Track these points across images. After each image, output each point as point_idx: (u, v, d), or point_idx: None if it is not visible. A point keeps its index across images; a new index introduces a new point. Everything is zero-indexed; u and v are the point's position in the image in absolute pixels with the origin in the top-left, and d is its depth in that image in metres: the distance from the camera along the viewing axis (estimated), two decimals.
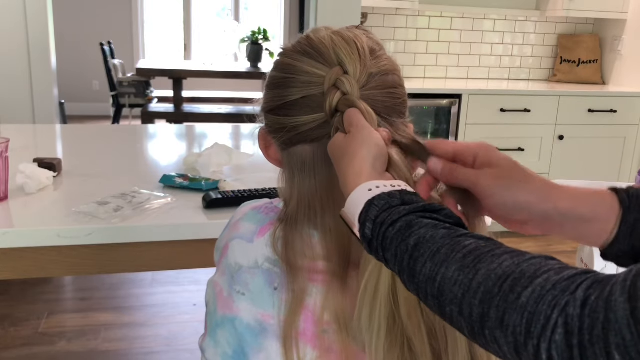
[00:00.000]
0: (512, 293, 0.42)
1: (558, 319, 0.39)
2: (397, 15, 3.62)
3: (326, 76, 0.63)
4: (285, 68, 0.66)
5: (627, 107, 3.46)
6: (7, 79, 2.81)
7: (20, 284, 2.63)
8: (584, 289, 0.39)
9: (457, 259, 0.46)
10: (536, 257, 0.44)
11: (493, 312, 0.42)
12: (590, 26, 3.96)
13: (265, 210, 0.72)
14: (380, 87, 0.64)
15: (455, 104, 3.24)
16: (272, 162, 0.72)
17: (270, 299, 0.65)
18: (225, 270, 0.70)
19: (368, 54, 0.64)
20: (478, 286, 0.43)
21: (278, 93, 0.66)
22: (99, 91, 6.71)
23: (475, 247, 0.46)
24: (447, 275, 0.45)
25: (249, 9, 7.27)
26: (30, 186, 1.23)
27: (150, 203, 1.19)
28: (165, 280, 2.77)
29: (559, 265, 0.42)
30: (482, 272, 0.44)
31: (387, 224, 0.50)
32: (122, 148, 1.80)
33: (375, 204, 0.52)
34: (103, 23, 6.70)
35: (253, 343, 0.66)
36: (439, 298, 0.46)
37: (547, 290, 0.40)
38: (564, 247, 3.35)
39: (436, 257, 0.47)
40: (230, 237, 0.71)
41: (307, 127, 0.64)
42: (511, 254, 0.45)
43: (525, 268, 0.43)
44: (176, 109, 4.43)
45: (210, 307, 0.71)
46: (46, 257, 1.11)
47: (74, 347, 2.20)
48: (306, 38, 0.67)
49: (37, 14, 2.78)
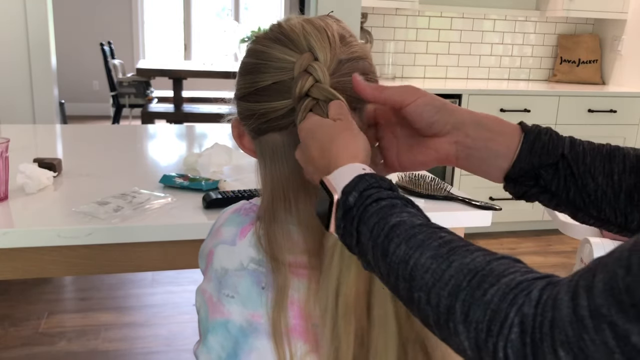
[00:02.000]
0: (478, 289, 0.42)
1: (515, 318, 0.40)
2: (397, 15, 3.62)
3: (296, 62, 0.63)
4: (256, 54, 0.67)
5: (627, 107, 3.46)
6: (7, 79, 2.81)
7: (20, 284, 2.63)
8: (538, 289, 0.40)
9: (432, 246, 0.47)
10: (506, 258, 0.45)
11: (459, 306, 0.43)
12: (590, 26, 3.96)
13: (245, 212, 0.72)
14: (350, 74, 0.65)
15: (455, 104, 3.23)
16: (246, 152, 0.72)
17: (259, 298, 0.66)
18: (212, 276, 0.70)
19: (338, 41, 0.65)
20: (449, 278, 0.44)
21: (249, 79, 0.67)
22: (99, 91, 6.71)
23: (450, 240, 0.47)
24: (420, 261, 0.46)
25: (249, 9, 7.27)
26: (30, 186, 1.23)
27: (150, 203, 1.19)
28: (165, 280, 2.78)
29: (525, 269, 0.43)
30: (455, 265, 0.45)
31: (373, 199, 0.51)
32: (122, 148, 1.80)
33: (366, 179, 0.53)
34: (103, 23, 6.70)
35: (244, 344, 0.66)
36: (410, 282, 0.46)
37: (510, 289, 0.41)
38: (564, 247, 3.35)
39: (412, 240, 0.48)
40: (213, 244, 0.72)
41: (276, 114, 0.65)
42: (483, 251, 0.46)
43: (495, 266, 0.43)
44: (176, 109, 4.43)
45: (202, 315, 0.71)
46: (46, 257, 1.11)
47: (74, 347, 2.20)
48: (278, 26, 0.68)
49: (37, 14, 2.78)
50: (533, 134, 0.61)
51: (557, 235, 3.48)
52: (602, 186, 0.59)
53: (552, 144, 0.60)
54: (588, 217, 0.61)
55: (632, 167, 0.59)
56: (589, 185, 0.59)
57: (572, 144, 0.61)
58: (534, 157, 0.60)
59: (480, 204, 1.29)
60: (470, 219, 1.27)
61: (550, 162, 0.60)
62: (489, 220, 1.28)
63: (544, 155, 0.60)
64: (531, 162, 0.60)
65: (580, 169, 0.60)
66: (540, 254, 3.26)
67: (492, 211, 1.27)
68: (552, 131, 0.62)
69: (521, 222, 3.52)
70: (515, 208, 3.36)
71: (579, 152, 0.60)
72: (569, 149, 0.60)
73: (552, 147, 0.60)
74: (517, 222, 3.50)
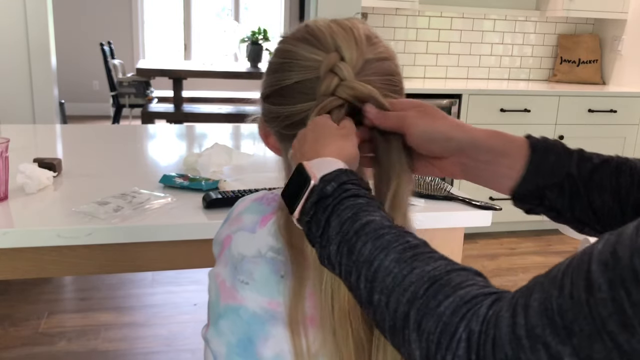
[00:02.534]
0: (434, 299, 0.42)
1: (462, 333, 0.40)
2: (397, 15, 3.62)
3: (323, 61, 0.64)
4: (283, 53, 0.68)
5: (627, 107, 3.46)
6: (7, 79, 2.81)
7: (20, 284, 2.63)
8: (487, 305, 0.40)
9: (397, 250, 0.47)
10: (467, 270, 0.45)
11: (413, 314, 0.43)
12: (590, 26, 3.96)
13: (267, 201, 0.73)
14: (377, 74, 0.65)
15: (455, 104, 3.24)
16: (272, 150, 0.73)
17: (277, 286, 0.66)
18: (227, 261, 0.70)
19: (364, 41, 0.66)
20: (409, 284, 0.44)
21: (275, 77, 0.68)
22: (99, 91, 6.71)
23: (416, 245, 0.47)
24: (384, 264, 0.46)
25: (249, 9, 7.27)
26: (30, 186, 1.23)
27: (150, 203, 1.19)
28: (165, 280, 2.78)
29: (483, 283, 0.43)
30: (417, 272, 0.44)
31: (351, 193, 0.52)
32: (122, 148, 1.80)
33: (347, 174, 0.54)
34: (103, 23, 6.70)
35: (260, 331, 0.67)
36: (372, 283, 0.46)
37: (464, 303, 0.41)
38: (564, 247, 3.35)
39: (378, 241, 0.48)
40: (232, 230, 0.72)
41: (300, 117, 0.65)
42: (446, 260, 0.46)
43: (454, 277, 0.43)
44: (176, 109, 4.43)
45: (213, 298, 0.72)
46: (46, 257, 1.11)
47: (74, 347, 2.20)
48: (305, 26, 0.69)
49: (37, 14, 2.78)
50: (539, 154, 0.59)
51: (557, 235, 3.48)
52: (608, 202, 0.58)
53: (558, 163, 0.59)
54: (594, 231, 0.61)
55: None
56: (595, 202, 0.59)
57: (579, 160, 0.59)
58: (538, 179, 0.59)
59: (480, 204, 1.29)
60: (470, 219, 1.27)
61: (555, 182, 0.59)
62: (489, 220, 1.28)
63: (548, 176, 0.59)
64: (536, 183, 0.59)
65: (587, 187, 0.59)
66: (540, 254, 3.26)
67: (492, 211, 1.27)
68: (559, 148, 0.60)
69: (521, 222, 3.52)
70: (515, 208, 3.34)
71: (587, 169, 0.59)
72: (575, 167, 0.59)
73: (558, 167, 0.59)
74: (517, 222, 3.50)
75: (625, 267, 0.34)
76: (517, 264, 3.10)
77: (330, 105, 0.63)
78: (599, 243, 0.37)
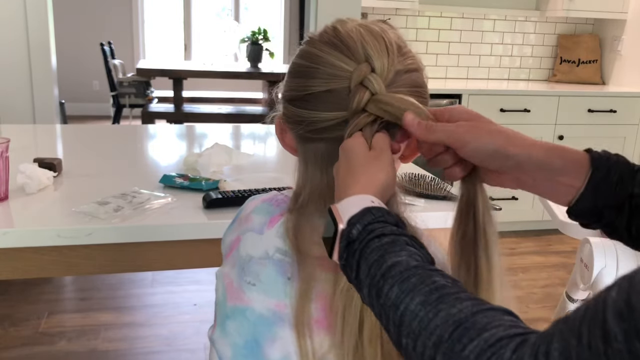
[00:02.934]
0: (459, 343, 0.42)
1: None
2: (397, 16, 3.62)
3: (354, 72, 0.62)
4: (310, 57, 0.65)
5: (627, 107, 3.46)
6: (8, 79, 2.81)
7: (20, 284, 2.63)
8: (511, 349, 0.40)
9: (423, 292, 0.46)
10: (495, 309, 0.44)
11: (440, 358, 0.43)
12: (590, 26, 3.96)
13: (276, 203, 0.72)
14: (405, 86, 0.64)
15: (455, 104, 3.24)
16: (286, 149, 0.72)
17: (284, 288, 0.66)
18: (235, 262, 0.70)
19: (395, 50, 0.64)
20: (435, 328, 0.44)
21: (301, 82, 0.65)
22: (99, 91, 6.71)
23: (443, 285, 0.47)
24: (410, 307, 0.46)
25: (249, 9, 7.27)
26: (30, 186, 1.23)
27: (150, 203, 1.19)
28: (165, 280, 2.78)
29: (510, 323, 0.43)
30: (442, 315, 0.44)
31: (376, 234, 0.51)
32: (122, 148, 1.80)
33: (372, 212, 0.53)
34: (103, 23, 6.70)
35: (267, 333, 0.66)
36: (399, 327, 0.47)
37: (489, 346, 0.41)
38: (564, 247, 3.35)
39: (405, 284, 0.47)
40: (241, 231, 0.72)
41: (325, 124, 0.64)
42: (473, 301, 0.45)
43: (479, 319, 0.43)
44: (176, 109, 4.43)
45: (220, 299, 0.71)
46: (46, 257, 1.11)
47: (74, 347, 2.20)
48: (333, 29, 0.66)
49: (37, 14, 2.78)
50: (601, 172, 0.56)
51: (557, 235, 3.48)
52: None
53: (620, 185, 0.56)
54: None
55: None
56: None
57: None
58: (598, 199, 0.57)
59: None
60: None
61: (615, 203, 0.57)
62: None
63: (609, 197, 0.57)
64: (594, 203, 0.57)
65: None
66: (540, 253, 3.26)
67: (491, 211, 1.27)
68: (622, 166, 0.57)
69: (521, 222, 3.52)
70: (515, 208, 3.36)
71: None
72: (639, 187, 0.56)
73: (620, 189, 0.56)
74: (517, 222, 3.50)
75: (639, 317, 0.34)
76: (517, 264, 3.10)
77: (361, 123, 0.61)
78: (612, 290, 0.37)
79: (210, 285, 2.74)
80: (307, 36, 0.69)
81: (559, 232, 1.77)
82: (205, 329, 2.37)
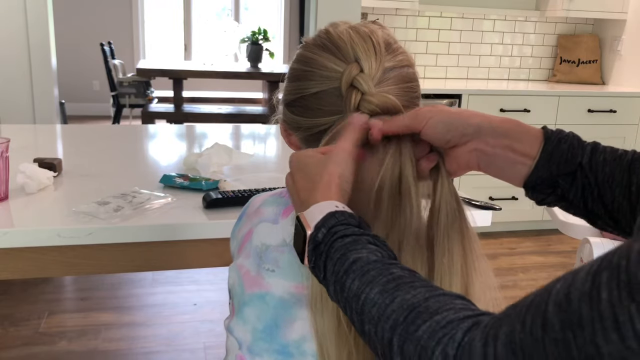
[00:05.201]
0: (412, 324, 0.45)
1: (439, 357, 0.42)
2: (397, 16, 3.62)
3: (343, 73, 0.65)
4: (305, 60, 0.69)
5: (627, 107, 3.46)
6: (8, 79, 2.81)
7: (20, 284, 2.63)
8: (463, 330, 0.42)
9: (381, 282, 0.49)
10: (447, 295, 0.47)
11: (396, 340, 0.46)
12: (590, 26, 3.96)
13: (287, 195, 0.75)
14: (395, 82, 0.66)
15: (455, 104, 3.24)
16: (293, 149, 0.74)
17: (303, 270, 0.68)
18: (250, 252, 0.73)
19: (383, 49, 0.67)
20: (391, 313, 0.47)
21: (297, 85, 0.69)
22: (99, 91, 6.71)
23: (400, 276, 0.50)
24: (370, 296, 0.49)
25: (249, 9, 7.27)
26: (30, 186, 1.23)
27: (150, 203, 1.19)
28: (165, 280, 2.78)
29: (461, 306, 0.45)
30: (398, 300, 0.47)
31: (339, 235, 0.55)
32: (122, 148, 1.80)
33: (336, 216, 0.56)
34: (103, 23, 6.70)
35: (286, 315, 0.69)
36: (361, 315, 0.50)
37: (440, 327, 0.43)
38: (564, 247, 3.35)
39: (365, 276, 0.51)
40: (253, 223, 0.74)
41: (322, 128, 0.67)
42: (428, 287, 0.48)
43: (431, 303, 0.46)
44: (176, 109, 4.43)
45: (237, 289, 0.74)
46: (46, 257, 1.11)
47: (74, 347, 2.20)
48: (325, 32, 0.70)
49: (37, 14, 2.78)
50: (553, 142, 0.60)
51: (557, 235, 3.48)
52: (618, 198, 0.58)
53: (571, 152, 0.59)
54: (606, 225, 0.61)
55: None
56: (606, 195, 0.59)
57: (592, 152, 0.60)
58: (552, 166, 0.60)
59: (480, 204, 1.29)
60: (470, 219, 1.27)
61: (567, 171, 0.60)
62: (489, 220, 1.28)
63: (562, 164, 0.59)
64: (549, 171, 0.60)
65: (598, 179, 0.59)
66: (540, 253, 3.26)
67: (492, 211, 1.27)
68: (573, 139, 0.61)
69: (521, 222, 3.52)
70: (515, 208, 3.36)
71: (598, 162, 0.59)
72: (587, 158, 0.59)
73: (570, 156, 0.59)
74: (517, 222, 3.51)
75: (575, 311, 0.36)
76: (516, 264, 3.10)
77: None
78: (558, 282, 0.39)
79: (210, 285, 2.75)
80: (303, 40, 0.72)
81: (559, 232, 1.77)
82: (205, 329, 2.38)
